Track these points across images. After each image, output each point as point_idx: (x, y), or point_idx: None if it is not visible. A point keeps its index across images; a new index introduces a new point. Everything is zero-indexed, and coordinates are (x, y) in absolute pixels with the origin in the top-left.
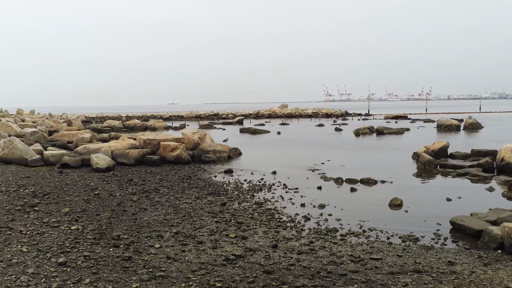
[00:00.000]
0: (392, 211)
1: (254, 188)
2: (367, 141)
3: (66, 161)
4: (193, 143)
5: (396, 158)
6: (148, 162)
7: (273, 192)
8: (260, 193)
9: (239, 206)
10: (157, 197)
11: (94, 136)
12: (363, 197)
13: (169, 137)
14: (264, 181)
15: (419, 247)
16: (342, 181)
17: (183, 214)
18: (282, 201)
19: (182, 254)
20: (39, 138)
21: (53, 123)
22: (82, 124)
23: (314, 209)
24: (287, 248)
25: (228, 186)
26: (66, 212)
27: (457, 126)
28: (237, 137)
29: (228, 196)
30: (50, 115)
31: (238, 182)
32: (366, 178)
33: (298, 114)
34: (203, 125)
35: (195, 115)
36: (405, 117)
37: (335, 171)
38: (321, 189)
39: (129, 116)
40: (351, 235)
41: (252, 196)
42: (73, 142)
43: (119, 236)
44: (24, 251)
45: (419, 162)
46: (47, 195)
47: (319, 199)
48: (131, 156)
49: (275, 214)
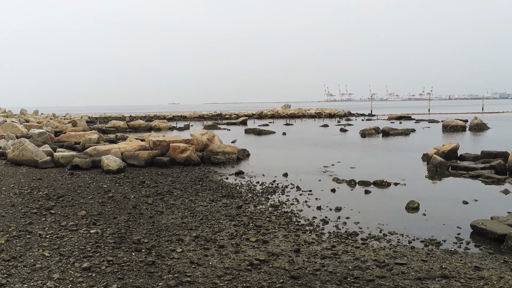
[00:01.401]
0: (409, 214)
1: (268, 191)
2: (373, 142)
3: (77, 163)
4: (202, 144)
5: (405, 160)
6: (158, 164)
7: (287, 195)
8: (274, 195)
9: (255, 209)
10: (172, 199)
11: (101, 137)
12: (378, 200)
13: (178, 138)
14: (276, 183)
15: (442, 251)
16: (355, 183)
17: (200, 217)
18: (297, 204)
19: (205, 259)
20: (47, 139)
21: (58, 124)
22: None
23: (331, 212)
24: (310, 252)
25: (241, 189)
26: (83, 215)
27: (463, 126)
28: (243, 138)
29: (243, 198)
30: (54, 116)
31: (251, 184)
32: (379, 180)
33: (301, 115)
34: (207, 125)
35: (198, 116)
36: (409, 117)
37: (346, 173)
38: (335, 192)
39: (132, 116)
40: (372, 239)
41: (266, 198)
42: (81, 143)
43: (139, 240)
44: (46, 255)
45: (430, 163)
46: (61, 198)
47: (334, 201)
48: (141, 157)
49: (293, 217)
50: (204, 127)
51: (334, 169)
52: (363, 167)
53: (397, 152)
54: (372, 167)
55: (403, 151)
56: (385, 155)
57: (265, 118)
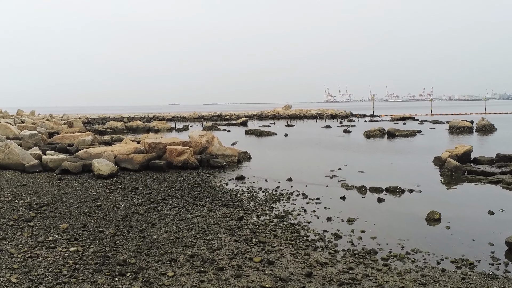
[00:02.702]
0: (431, 227)
1: (272, 198)
2: (379, 143)
3: (66, 167)
4: (201, 147)
5: (415, 163)
6: (154, 168)
7: (293, 203)
8: (278, 203)
9: (258, 221)
10: (166, 209)
11: (96, 139)
12: (394, 209)
13: (175, 140)
14: (280, 189)
15: (479, 275)
16: (366, 189)
17: (196, 230)
18: (305, 214)
19: (201, 286)
20: (38, 141)
21: (54, 125)
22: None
23: (343, 224)
24: (324, 276)
25: (242, 196)
26: (65, 228)
27: (470, 128)
28: (243, 139)
29: (244, 208)
30: (51, 116)
31: (253, 190)
32: (392, 187)
33: (303, 115)
34: (207, 126)
35: (198, 116)
36: (412, 118)
37: (354, 177)
38: (345, 200)
39: (131, 117)
40: (394, 259)
41: (270, 207)
42: (74, 145)
43: (125, 261)
44: (13, 281)
45: (444, 168)
46: (44, 207)
47: (346, 211)
48: (136, 161)
49: (301, 230)
50: (204, 128)
51: (341, 174)
52: (372, 171)
53: (405, 154)
54: (381, 172)
55: (412, 154)
56: (393, 158)
57: (266, 118)
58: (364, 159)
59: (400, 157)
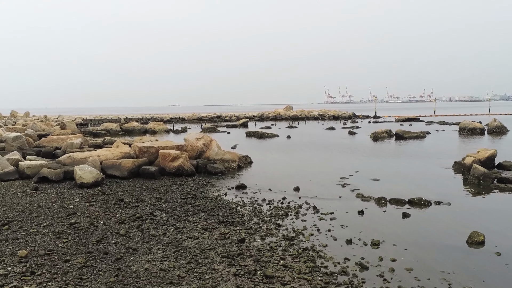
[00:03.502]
0: (477, 253)
1: (278, 213)
2: (388, 146)
3: (45, 174)
4: (198, 151)
5: (433, 168)
6: (145, 175)
7: (303, 219)
8: (286, 220)
9: (263, 244)
10: (153, 227)
11: (86, 141)
12: (424, 228)
13: (169, 143)
14: (287, 201)
15: None
16: (386, 201)
17: (187, 259)
18: (318, 234)
19: None
20: (23, 144)
21: (45, 126)
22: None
23: (366, 249)
24: None
25: (243, 209)
26: (23, 256)
27: (481, 129)
28: (244, 142)
29: (246, 225)
30: (45, 117)
31: (255, 202)
32: (417, 198)
33: (304, 116)
34: (206, 128)
35: (197, 118)
36: (417, 119)
37: (369, 186)
38: (363, 214)
39: (128, 118)
40: None
41: (277, 225)
42: (62, 148)
43: None
44: None
45: (470, 175)
46: (6, 225)
47: (367, 230)
48: (124, 167)
49: (316, 258)
50: (203, 130)
51: (354, 181)
52: (387, 178)
53: (420, 159)
54: (398, 179)
55: (426, 158)
56: (408, 163)
57: (267, 120)
58: (376, 164)
59: (414, 161)
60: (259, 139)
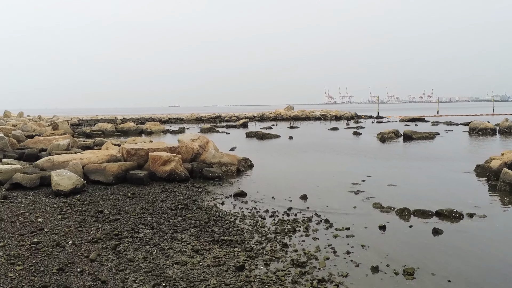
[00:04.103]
0: None
1: (284, 228)
2: (397, 147)
3: (18, 180)
4: (193, 153)
5: (452, 172)
6: (132, 180)
7: (315, 236)
8: (294, 237)
9: (267, 273)
10: (132, 248)
11: (75, 143)
12: (465, 250)
13: (160, 145)
14: (294, 212)
15: None
16: (410, 213)
17: None
18: (335, 258)
19: None
20: (5, 145)
21: (37, 127)
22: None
23: (399, 280)
24: None
25: (242, 223)
26: None
27: (493, 129)
28: (244, 143)
29: (246, 245)
30: (40, 118)
31: (257, 214)
32: (446, 210)
33: (306, 116)
34: (204, 128)
35: (196, 118)
36: (422, 119)
37: (386, 194)
38: (385, 230)
39: (125, 119)
40: None
41: (283, 245)
42: (47, 150)
43: None
44: None
45: (501, 181)
46: None
47: (394, 252)
48: (110, 172)
49: None
50: (201, 130)
51: (368, 188)
52: (404, 184)
53: (435, 161)
54: (417, 185)
55: (442, 161)
56: (423, 167)
57: (267, 120)
58: (388, 168)
59: (430, 164)
60: (259, 140)
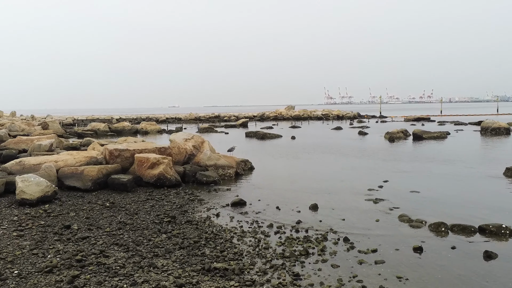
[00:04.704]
0: None
1: (293, 249)
2: (408, 148)
3: None
4: (186, 155)
5: (479, 177)
6: (114, 186)
7: (334, 263)
8: (307, 263)
9: None
10: (95, 282)
11: (61, 143)
12: None
13: (149, 146)
14: (304, 227)
15: None
16: (447, 229)
17: None
18: None
19: None
20: None
21: (26, 126)
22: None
23: None
24: None
25: (241, 243)
26: None
27: (506, 129)
28: (243, 143)
29: (245, 277)
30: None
31: (259, 230)
32: (493, 225)
33: (307, 116)
34: (202, 128)
35: (194, 118)
36: (428, 119)
37: (410, 202)
38: (421, 252)
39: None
40: None
41: (295, 276)
42: (28, 151)
43: None
44: None
45: None
46: None
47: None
48: (88, 176)
49: None
50: (199, 130)
51: (387, 195)
52: (428, 191)
53: (454, 164)
54: (443, 192)
55: (463, 163)
56: (444, 170)
57: (267, 120)
58: (405, 172)
59: (451, 167)
60: (260, 140)
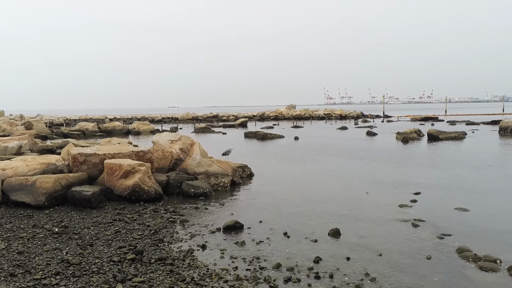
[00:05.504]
0: None
1: None
2: (426, 150)
3: None
4: (172, 159)
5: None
6: (76, 200)
7: None
8: None
9: None
10: None
11: (34, 145)
12: None
13: (123, 149)
14: (325, 269)
15: None
16: None
17: None
18: None
19: None
20: None
21: (7, 126)
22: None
23: None
24: None
25: None
26: None
27: None
28: (242, 145)
29: None
30: (21, 117)
31: (261, 275)
32: None
33: (309, 116)
34: (198, 128)
35: (191, 117)
36: (435, 118)
37: (462, 226)
38: None
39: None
40: None
41: None
42: None
43: None
44: None
45: None
46: None
47: None
48: (41, 188)
49: None
50: (195, 130)
51: (427, 214)
52: (479, 207)
53: (489, 170)
54: (497, 208)
55: (501, 168)
56: (482, 177)
57: (268, 120)
58: (435, 179)
59: (488, 174)
60: (260, 141)
